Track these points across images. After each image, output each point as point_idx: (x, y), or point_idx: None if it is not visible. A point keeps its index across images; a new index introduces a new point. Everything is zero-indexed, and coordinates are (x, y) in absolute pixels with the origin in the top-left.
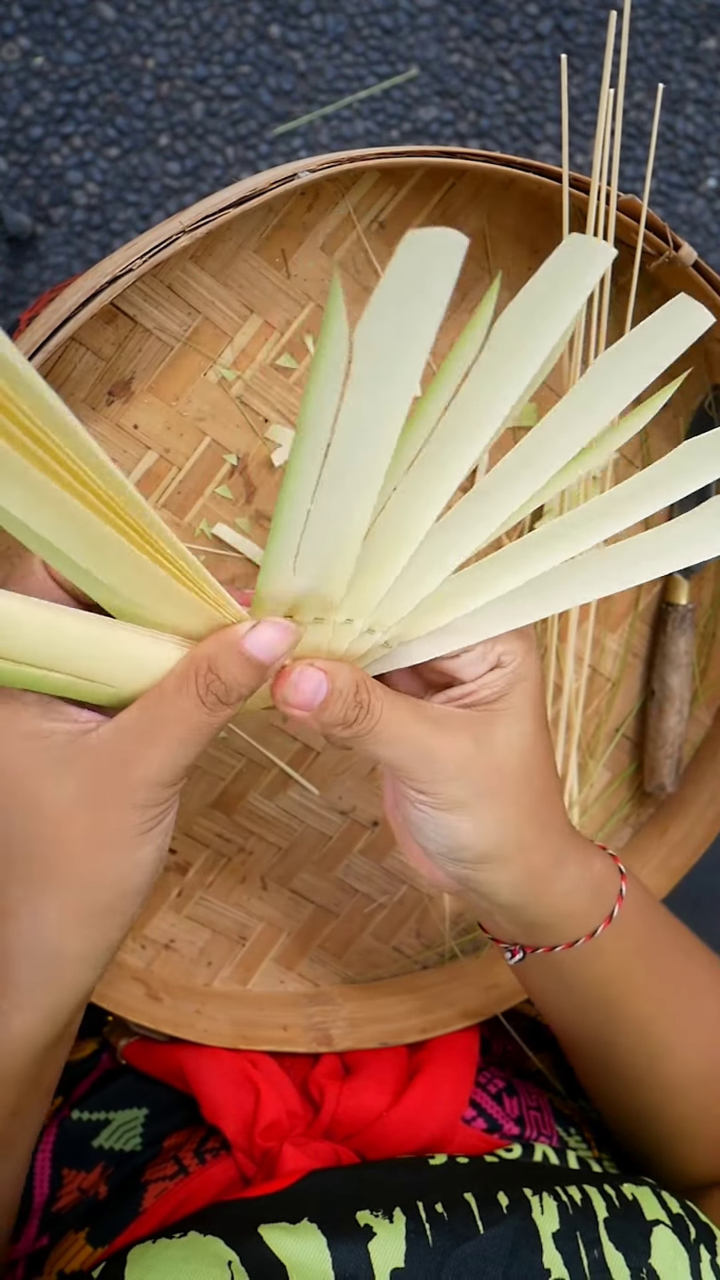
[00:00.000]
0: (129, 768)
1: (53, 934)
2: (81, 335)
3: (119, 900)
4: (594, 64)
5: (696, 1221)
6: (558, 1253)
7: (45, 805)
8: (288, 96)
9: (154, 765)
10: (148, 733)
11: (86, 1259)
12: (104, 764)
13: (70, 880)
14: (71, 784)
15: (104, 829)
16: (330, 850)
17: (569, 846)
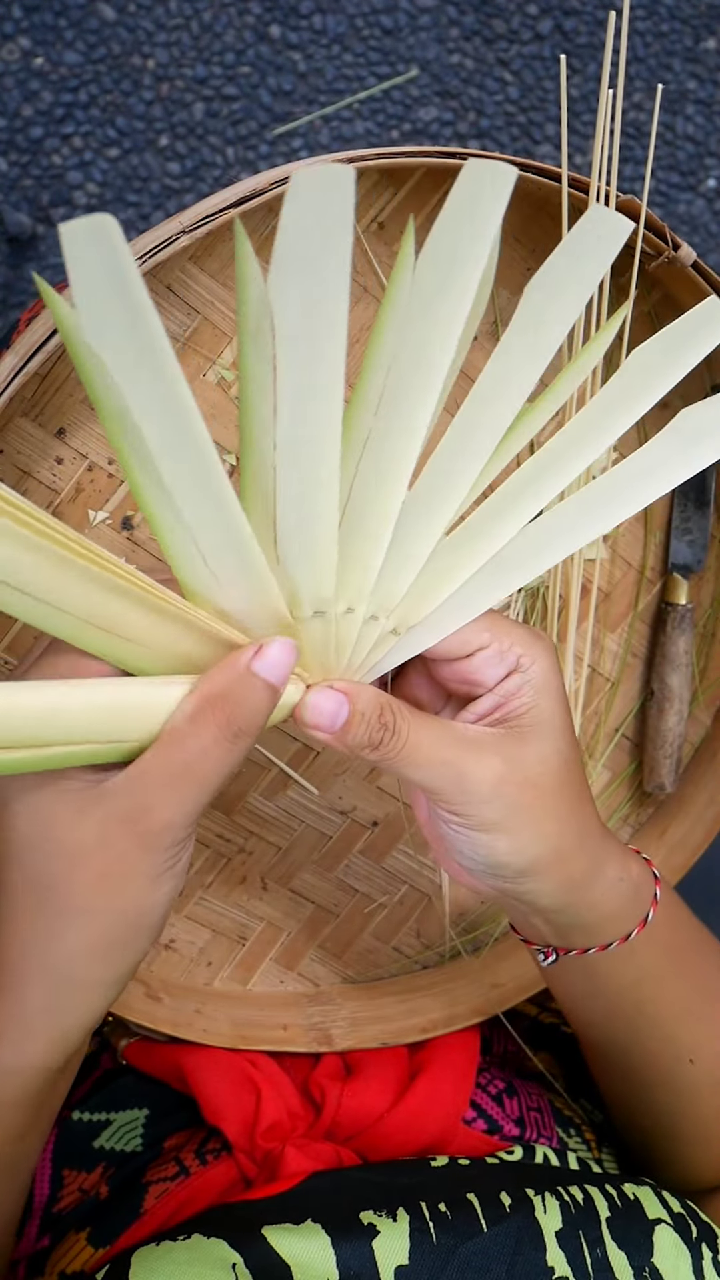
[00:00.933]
0: (149, 814)
1: (68, 963)
2: None
3: (134, 934)
4: (594, 64)
5: (698, 1220)
6: (561, 1251)
7: (65, 847)
8: (288, 97)
9: (173, 809)
10: (168, 778)
11: (88, 1260)
12: (125, 809)
13: (88, 915)
14: (91, 828)
15: (123, 871)
16: (330, 850)
17: (605, 850)
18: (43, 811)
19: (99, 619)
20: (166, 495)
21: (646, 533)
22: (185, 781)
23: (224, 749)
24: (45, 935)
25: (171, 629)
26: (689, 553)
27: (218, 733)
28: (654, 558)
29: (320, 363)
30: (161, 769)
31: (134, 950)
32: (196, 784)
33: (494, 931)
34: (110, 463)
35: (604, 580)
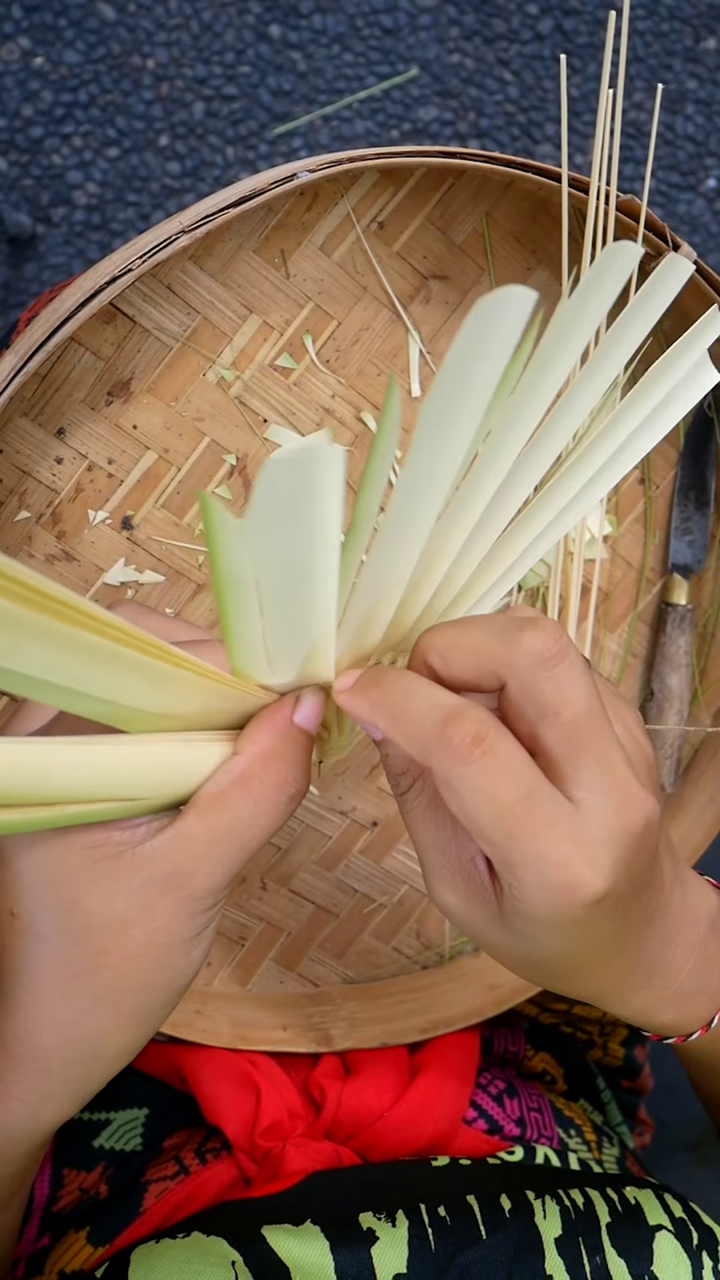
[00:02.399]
0: (190, 880)
1: (100, 1039)
2: (81, 335)
3: (168, 999)
4: (594, 64)
5: (699, 1225)
6: (560, 1259)
7: (101, 920)
8: (288, 96)
9: (216, 874)
10: (210, 842)
11: (87, 1259)
12: (162, 877)
13: (126, 990)
14: (130, 896)
15: (162, 938)
16: (330, 850)
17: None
18: (71, 879)
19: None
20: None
21: (646, 533)
22: (233, 844)
23: (279, 810)
24: (84, 1014)
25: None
26: (689, 553)
27: (274, 795)
28: (654, 558)
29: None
30: (205, 835)
31: (164, 1015)
32: (241, 847)
33: None
34: (110, 462)
35: (604, 580)
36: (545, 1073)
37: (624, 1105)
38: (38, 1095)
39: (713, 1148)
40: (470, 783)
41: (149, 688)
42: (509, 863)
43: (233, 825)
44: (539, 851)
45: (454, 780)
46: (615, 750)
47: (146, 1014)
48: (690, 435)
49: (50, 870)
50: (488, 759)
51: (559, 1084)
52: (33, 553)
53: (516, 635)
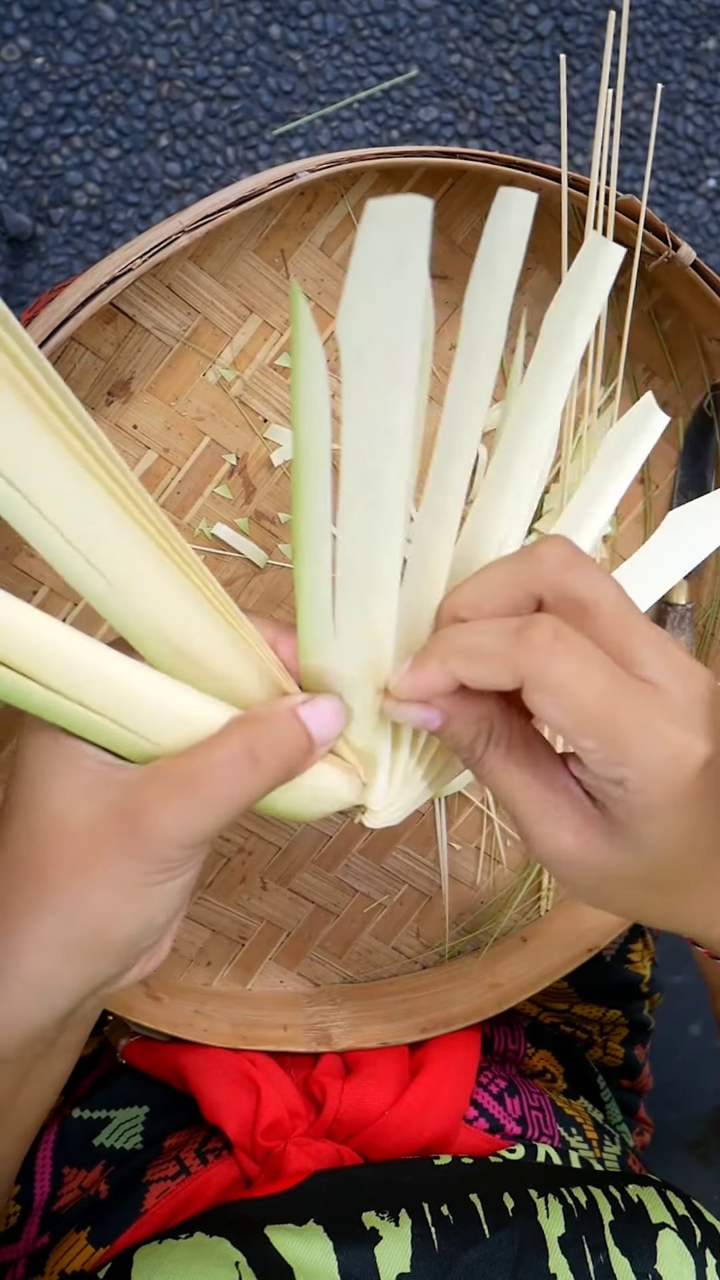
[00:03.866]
0: (144, 814)
1: (23, 954)
2: (81, 335)
3: (102, 946)
4: (594, 64)
5: (702, 1223)
6: (563, 1258)
7: (59, 821)
8: (288, 97)
9: (169, 818)
10: (177, 783)
11: (88, 1259)
12: (127, 803)
13: (63, 909)
14: (86, 811)
15: (109, 868)
16: (330, 850)
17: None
18: (52, 776)
19: (172, 631)
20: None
21: (646, 533)
22: (191, 793)
23: (238, 771)
24: (13, 917)
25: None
26: None
27: (237, 753)
28: None
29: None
30: (171, 771)
31: (97, 962)
32: (200, 799)
33: (494, 931)
34: None
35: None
36: (545, 1071)
37: (624, 1105)
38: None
39: (713, 1147)
40: (562, 675)
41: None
42: (617, 746)
43: (197, 770)
44: (644, 727)
45: (546, 679)
46: (656, 629)
47: (73, 952)
48: (690, 435)
49: (45, 763)
50: (572, 649)
51: (559, 1083)
52: (33, 552)
53: (537, 553)
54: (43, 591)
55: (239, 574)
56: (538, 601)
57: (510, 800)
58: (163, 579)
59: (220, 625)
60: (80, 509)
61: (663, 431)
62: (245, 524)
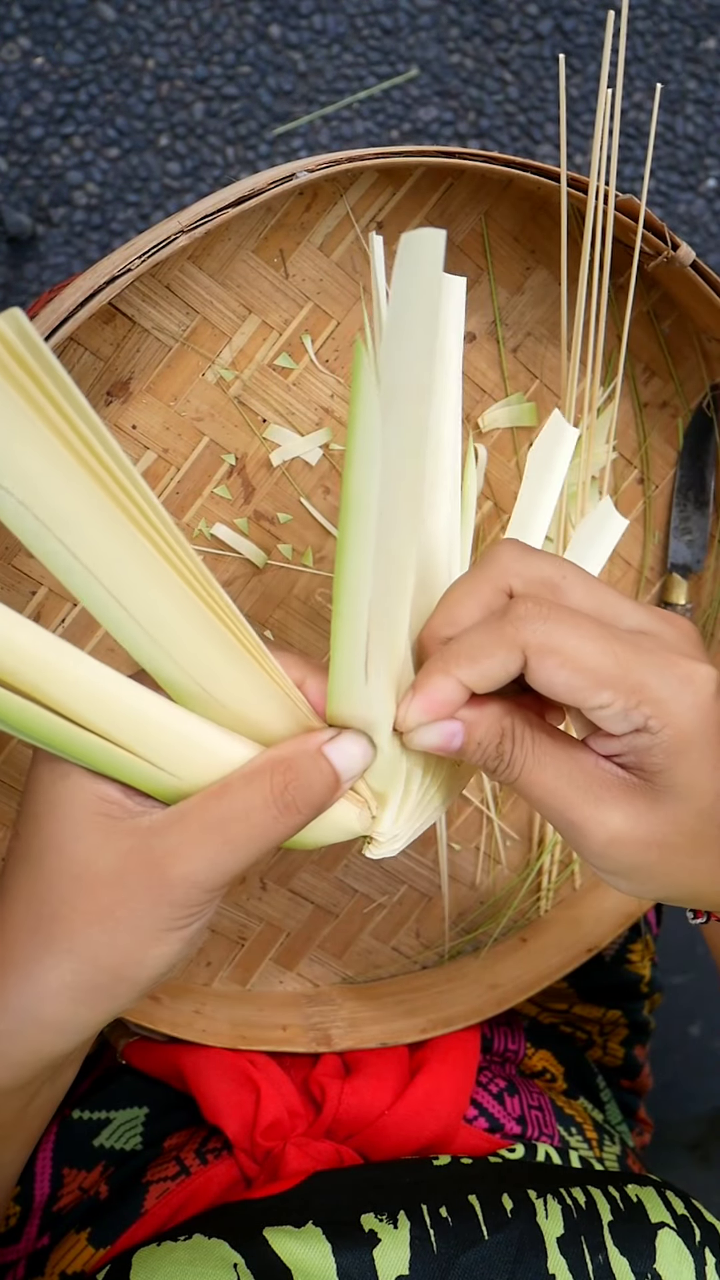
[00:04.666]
0: (172, 861)
1: (38, 1002)
2: (80, 335)
3: (118, 986)
4: (594, 64)
5: (702, 1222)
6: (562, 1258)
7: (81, 868)
8: (288, 97)
9: (199, 864)
10: (204, 827)
11: (88, 1260)
12: (146, 848)
13: (79, 955)
14: (112, 857)
15: (126, 915)
16: (329, 850)
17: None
18: (74, 820)
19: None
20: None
21: (646, 533)
22: (219, 838)
23: (268, 817)
24: (31, 962)
25: (263, 700)
26: (688, 553)
27: (268, 798)
28: (653, 558)
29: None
30: (199, 816)
31: (110, 1003)
32: (230, 844)
33: (493, 932)
34: None
35: (603, 580)
36: (545, 1071)
37: (624, 1105)
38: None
39: (713, 1147)
40: (559, 636)
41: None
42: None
43: (226, 815)
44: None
45: (546, 644)
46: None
47: (92, 993)
48: (689, 435)
49: (61, 806)
50: (558, 613)
51: (559, 1083)
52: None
53: (491, 554)
54: (41, 592)
55: (238, 574)
56: (508, 595)
57: (551, 794)
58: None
59: (247, 662)
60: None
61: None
62: (244, 524)
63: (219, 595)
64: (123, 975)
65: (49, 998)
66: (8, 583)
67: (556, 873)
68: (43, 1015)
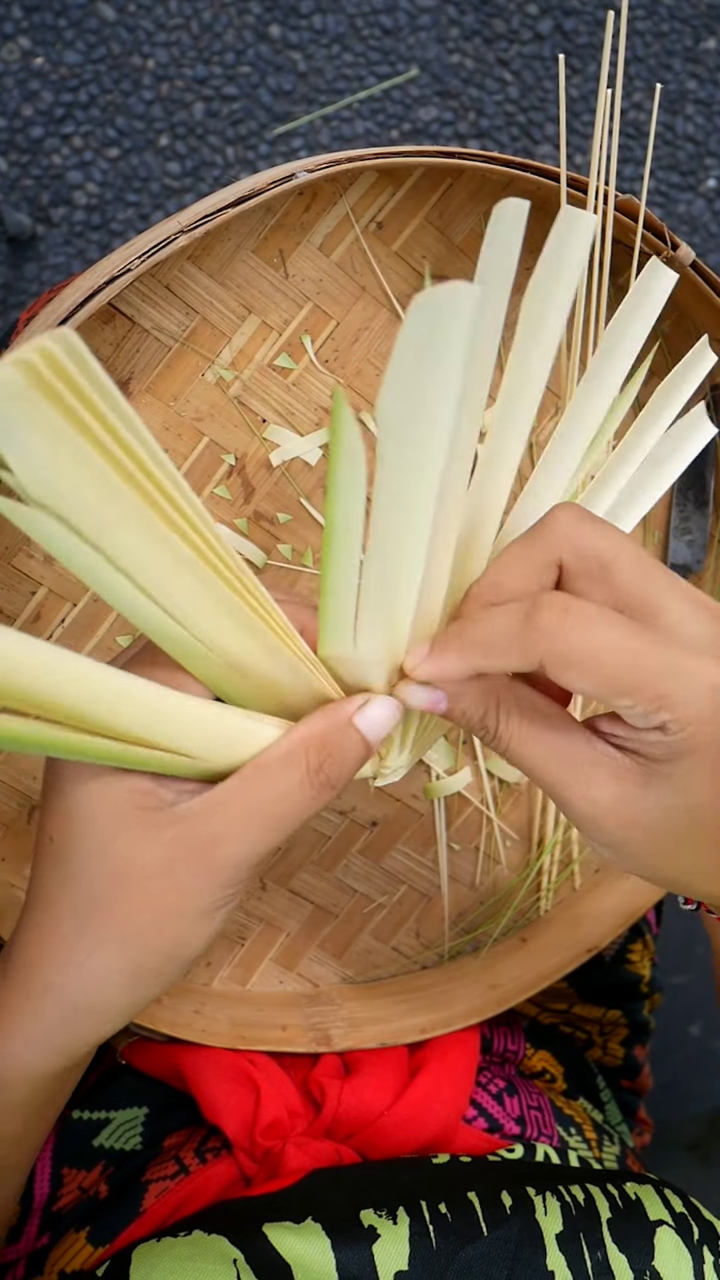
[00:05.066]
0: (218, 845)
1: (95, 989)
2: (79, 335)
3: (169, 966)
4: (594, 64)
5: (700, 1220)
6: (561, 1255)
7: (125, 864)
8: (288, 97)
9: (244, 845)
10: (245, 811)
11: (87, 1259)
12: (195, 835)
13: (130, 942)
14: (157, 850)
15: (177, 900)
16: (329, 850)
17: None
18: (110, 820)
19: (212, 639)
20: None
21: (646, 533)
22: (262, 819)
23: (308, 795)
24: (83, 958)
25: (283, 669)
26: (688, 553)
27: (305, 778)
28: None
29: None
30: (240, 802)
31: (161, 982)
32: (273, 824)
33: (493, 932)
34: None
35: None
36: (545, 1071)
37: (623, 1105)
38: (25, 1037)
39: (713, 1147)
40: (580, 645)
41: (225, 624)
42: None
43: (266, 797)
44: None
45: (563, 656)
46: (675, 576)
47: (142, 976)
48: None
49: (93, 805)
50: (581, 620)
51: (559, 1083)
52: (32, 552)
53: (550, 517)
54: (41, 592)
55: None
56: (558, 568)
57: (538, 769)
58: (208, 592)
59: (265, 633)
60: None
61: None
62: (244, 524)
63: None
64: (172, 955)
65: (101, 986)
66: (8, 583)
67: (556, 873)
68: (95, 1003)
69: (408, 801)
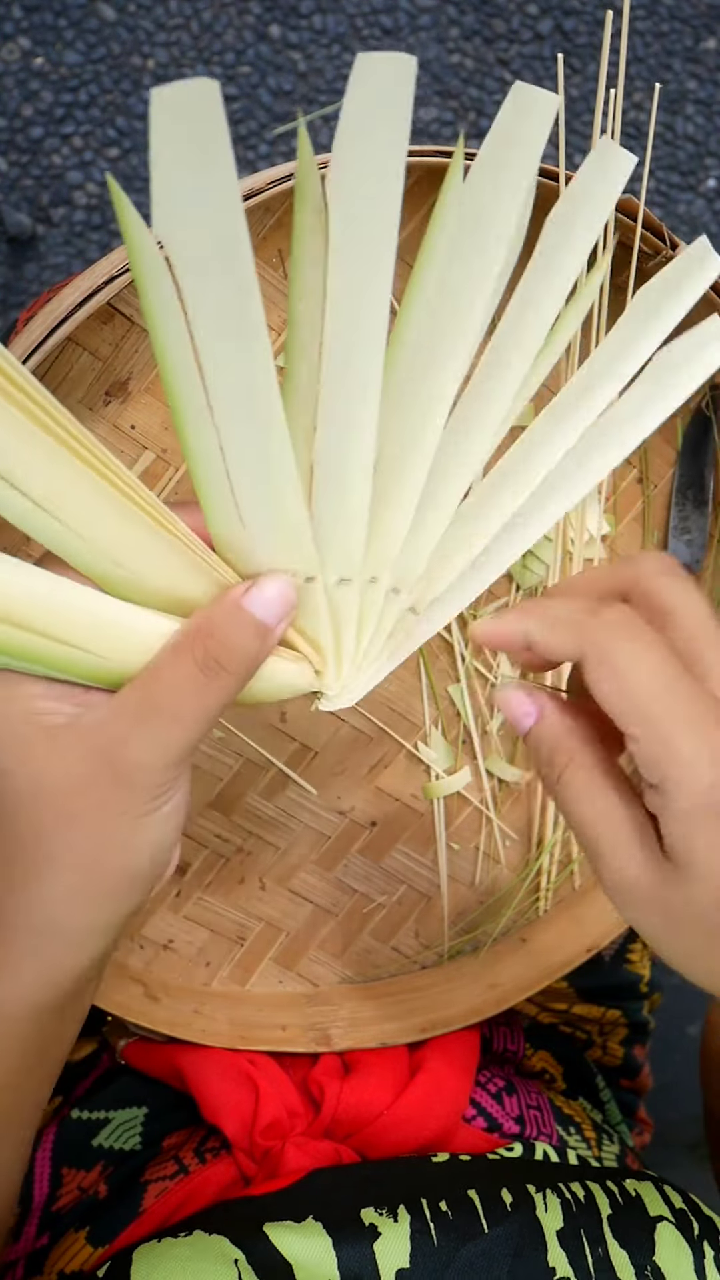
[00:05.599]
0: (124, 748)
1: (48, 910)
2: (78, 335)
3: (122, 882)
4: (594, 64)
5: (700, 1216)
6: (562, 1251)
7: (47, 785)
8: (288, 97)
9: (149, 746)
10: (143, 710)
11: (87, 1259)
12: (100, 744)
13: (73, 860)
14: (71, 764)
15: (104, 811)
16: (329, 850)
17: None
18: (16, 739)
19: (104, 540)
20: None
21: (645, 532)
22: (158, 717)
23: (199, 685)
24: (22, 881)
25: (177, 565)
26: (688, 553)
27: (194, 667)
28: None
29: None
30: (135, 702)
31: (122, 898)
32: (169, 722)
33: (493, 932)
34: None
35: None
36: (544, 1071)
37: (623, 1105)
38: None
39: None
40: (623, 654)
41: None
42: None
43: (162, 691)
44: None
45: (607, 654)
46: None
47: (97, 894)
48: (688, 434)
49: (11, 740)
50: (639, 634)
51: (558, 1082)
52: (31, 551)
53: (637, 558)
54: None
55: None
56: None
57: (582, 823)
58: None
59: (152, 528)
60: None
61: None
62: None
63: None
64: (118, 867)
65: (57, 908)
66: None
67: (556, 872)
68: (57, 925)
69: (407, 801)
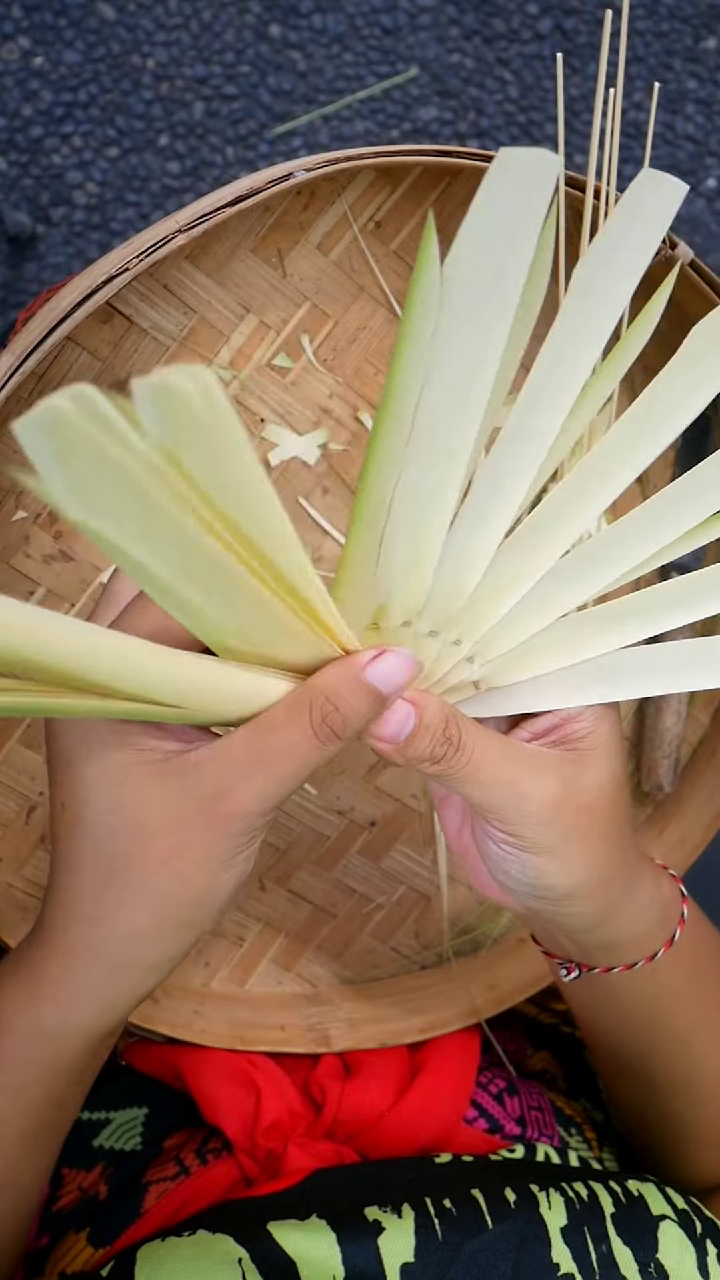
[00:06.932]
0: (227, 797)
1: (128, 943)
2: (78, 335)
3: (195, 917)
4: (594, 64)
5: (701, 1217)
6: (566, 1248)
7: (135, 820)
8: (287, 96)
9: (252, 797)
10: (251, 763)
11: (88, 1259)
12: (206, 792)
13: (152, 896)
14: (165, 804)
15: (196, 851)
16: (328, 850)
17: (640, 872)
18: (118, 778)
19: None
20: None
21: None
22: (267, 772)
23: (313, 747)
24: (110, 913)
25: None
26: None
27: (310, 730)
28: None
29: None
30: (245, 754)
31: (194, 932)
32: (277, 776)
33: (492, 932)
34: None
35: None
36: (545, 1071)
37: None
38: (69, 998)
39: None
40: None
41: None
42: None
43: (274, 747)
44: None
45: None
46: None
47: (171, 928)
48: (687, 434)
49: (101, 767)
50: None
51: (559, 1083)
52: (30, 553)
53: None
54: (40, 592)
55: None
56: None
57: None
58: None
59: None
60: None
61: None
62: None
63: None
64: (199, 904)
65: (133, 939)
66: (7, 583)
67: None
68: (130, 957)
69: (407, 801)
